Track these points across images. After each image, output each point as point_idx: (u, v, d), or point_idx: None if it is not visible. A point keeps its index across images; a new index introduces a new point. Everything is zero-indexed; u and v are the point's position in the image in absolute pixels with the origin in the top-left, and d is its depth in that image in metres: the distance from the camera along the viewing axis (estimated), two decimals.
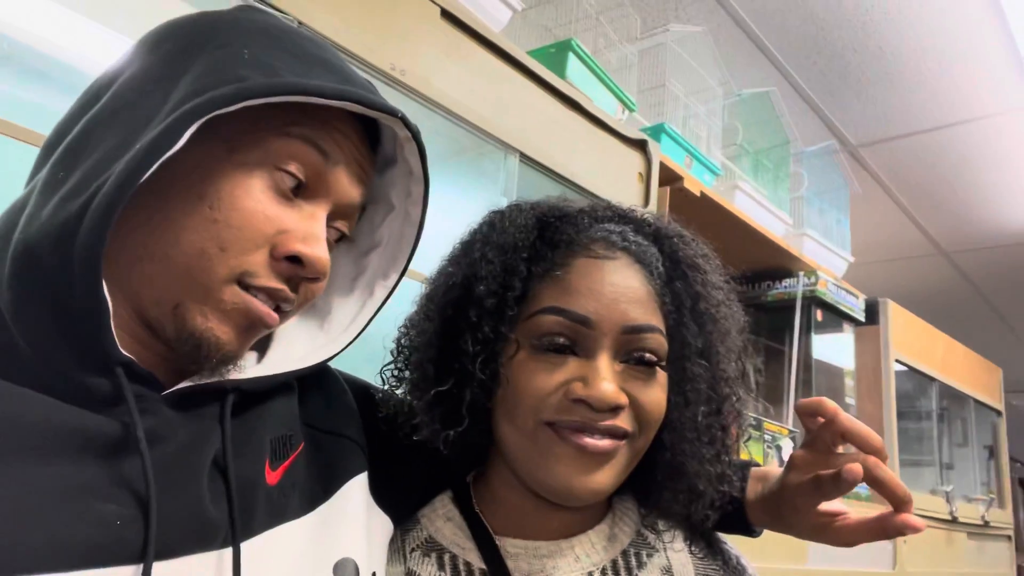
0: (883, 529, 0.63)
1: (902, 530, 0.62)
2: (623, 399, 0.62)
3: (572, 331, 0.63)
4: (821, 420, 0.65)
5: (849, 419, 0.64)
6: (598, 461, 0.62)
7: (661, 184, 1.56)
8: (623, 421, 0.62)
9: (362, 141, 0.58)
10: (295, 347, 0.62)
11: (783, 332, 2.21)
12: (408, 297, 1.12)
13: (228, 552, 0.49)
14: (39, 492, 0.42)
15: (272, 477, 0.56)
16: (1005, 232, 3.45)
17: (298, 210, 0.54)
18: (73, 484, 0.44)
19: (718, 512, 0.68)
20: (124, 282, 0.50)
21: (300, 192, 0.54)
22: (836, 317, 2.26)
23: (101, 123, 0.50)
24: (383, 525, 0.66)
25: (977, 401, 2.88)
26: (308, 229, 0.53)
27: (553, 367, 0.63)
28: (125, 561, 0.44)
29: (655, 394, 0.64)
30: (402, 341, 0.72)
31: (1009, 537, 2.88)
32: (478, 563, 0.67)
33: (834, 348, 2.31)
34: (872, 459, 0.61)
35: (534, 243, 0.67)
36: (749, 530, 0.74)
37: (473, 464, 0.74)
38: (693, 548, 0.73)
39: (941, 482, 2.60)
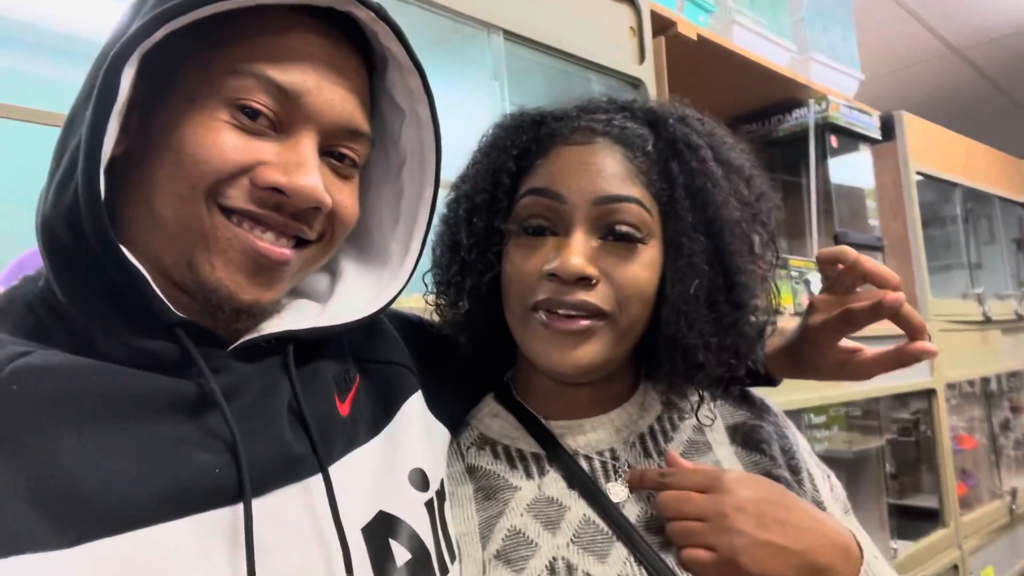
0: (900, 358, 0.69)
1: (919, 356, 0.68)
2: (590, 270, 0.63)
3: (548, 209, 0.66)
4: (841, 266, 0.70)
5: (869, 261, 0.68)
6: (574, 339, 0.65)
7: (655, 34, 1.49)
8: (596, 297, 0.64)
9: (336, 48, 0.55)
10: (356, 296, 0.63)
11: (798, 164, 2.16)
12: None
13: (316, 479, 0.53)
14: (144, 448, 0.46)
15: (343, 409, 0.60)
16: (1014, 19, 3.28)
17: (278, 142, 0.52)
18: (171, 439, 0.47)
19: (735, 379, 0.72)
20: (146, 251, 0.51)
21: (278, 126, 0.52)
22: (851, 139, 2.20)
23: (79, 102, 0.50)
24: (442, 435, 0.72)
25: (1002, 198, 2.84)
26: (288, 157, 0.52)
27: (534, 249, 0.67)
28: (227, 503, 0.47)
29: (632, 270, 0.65)
30: (433, 247, 0.76)
31: None
32: (528, 448, 0.72)
33: (852, 171, 2.26)
34: (893, 294, 0.65)
35: (526, 142, 0.71)
36: (770, 381, 0.79)
37: (508, 365, 0.79)
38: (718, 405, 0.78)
39: (972, 284, 2.60)
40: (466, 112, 1.26)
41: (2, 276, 0.81)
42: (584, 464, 0.71)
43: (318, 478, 0.53)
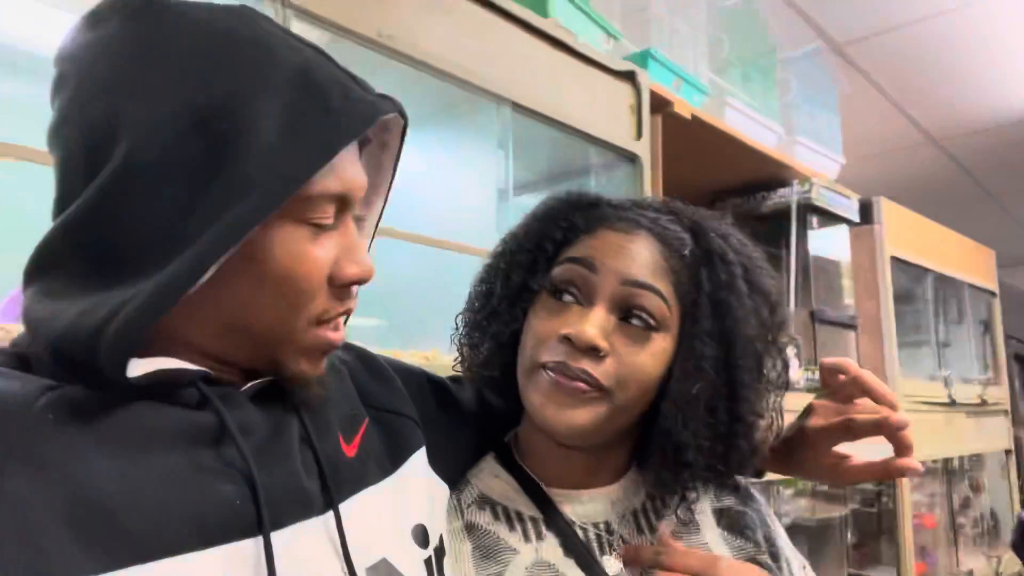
0: (887, 471, 0.73)
1: (904, 473, 0.73)
2: (602, 343, 0.67)
3: (580, 278, 0.71)
4: (842, 377, 0.74)
5: (870, 377, 0.73)
6: (572, 399, 0.68)
7: (652, 112, 1.57)
8: (599, 371, 0.68)
9: None
10: None
11: (779, 239, 2.25)
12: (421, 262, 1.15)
13: (327, 516, 0.56)
14: (170, 478, 0.48)
15: (349, 450, 0.62)
16: (992, 115, 3.45)
17: (335, 234, 0.56)
18: (194, 470, 0.49)
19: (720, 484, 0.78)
20: (188, 341, 0.53)
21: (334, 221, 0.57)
22: (831, 219, 2.29)
23: (115, 217, 0.49)
24: (442, 491, 0.74)
25: (971, 285, 2.95)
26: (348, 245, 0.56)
27: (558, 313, 0.71)
28: (247, 535, 0.49)
29: (640, 355, 0.69)
30: (471, 291, 0.82)
31: (1006, 412, 3.00)
32: (527, 511, 0.75)
33: (831, 249, 2.36)
34: (896, 416, 0.71)
35: (577, 218, 0.76)
36: (755, 472, 0.83)
37: (509, 427, 0.83)
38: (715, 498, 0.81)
39: (939, 365, 2.69)
40: (472, 173, 1.33)
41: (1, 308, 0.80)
42: (580, 534, 0.73)
43: (329, 515, 0.56)
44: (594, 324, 0.68)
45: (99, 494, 0.44)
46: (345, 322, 0.61)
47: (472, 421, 0.81)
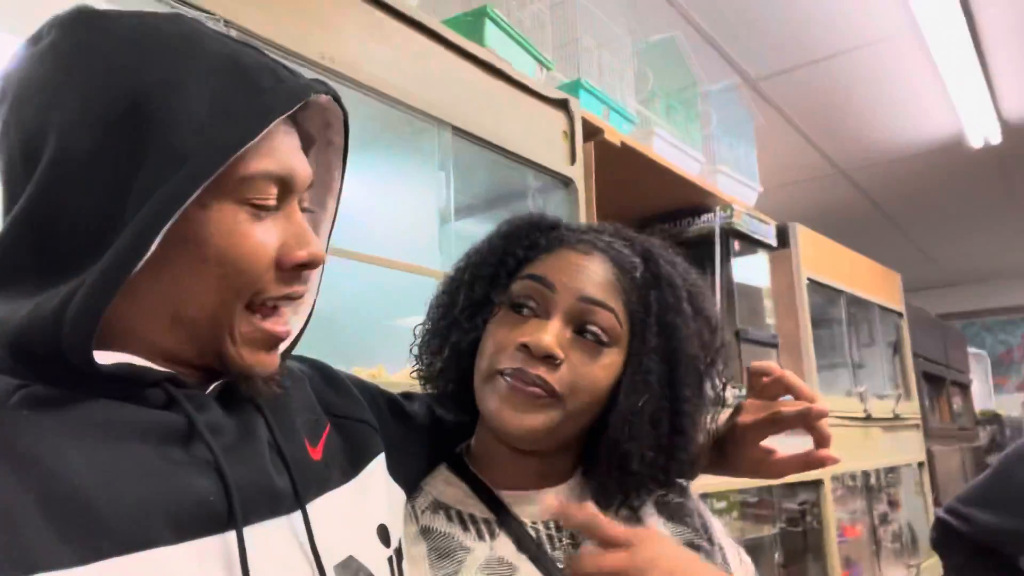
0: (808, 462, 0.83)
1: (824, 462, 0.83)
2: (558, 352, 0.72)
3: (539, 294, 0.75)
4: (766, 379, 0.84)
5: (792, 376, 0.83)
6: (525, 403, 0.72)
7: (585, 139, 1.63)
8: (554, 379, 0.72)
9: (292, 125, 0.59)
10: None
11: (704, 263, 2.34)
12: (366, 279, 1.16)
13: (295, 515, 0.57)
14: (146, 471, 0.48)
15: (315, 453, 0.63)
16: (895, 147, 3.69)
17: (280, 218, 0.56)
18: (168, 465, 0.50)
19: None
20: (145, 344, 0.53)
21: (276, 207, 0.57)
22: (751, 245, 2.40)
23: (54, 210, 0.50)
24: (399, 496, 0.76)
25: (880, 307, 3.12)
26: (295, 230, 0.56)
27: (516, 324, 0.75)
28: (220, 529, 0.50)
29: (591, 367, 0.74)
30: (431, 303, 0.85)
31: (918, 426, 3.16)
32: (480, 513, 0.77)
33: (752, 272, 2.47)
34: (817, 406, 0.80)
35: (538, 238, 0.82)
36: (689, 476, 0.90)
37: (460, 438, 0.86)
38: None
39: (855, 383, 2.82)
40: (413, 196, 1.35)
41: None
42: (532, 532, 0.76)
43: (296, 515, 0.57)
44: (551, 334, 0.72)
45: (77, 487, 0.44)
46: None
47: (424, 433, 0.83)
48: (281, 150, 0.56)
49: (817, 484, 2.33)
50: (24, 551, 0.41)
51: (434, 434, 0.84)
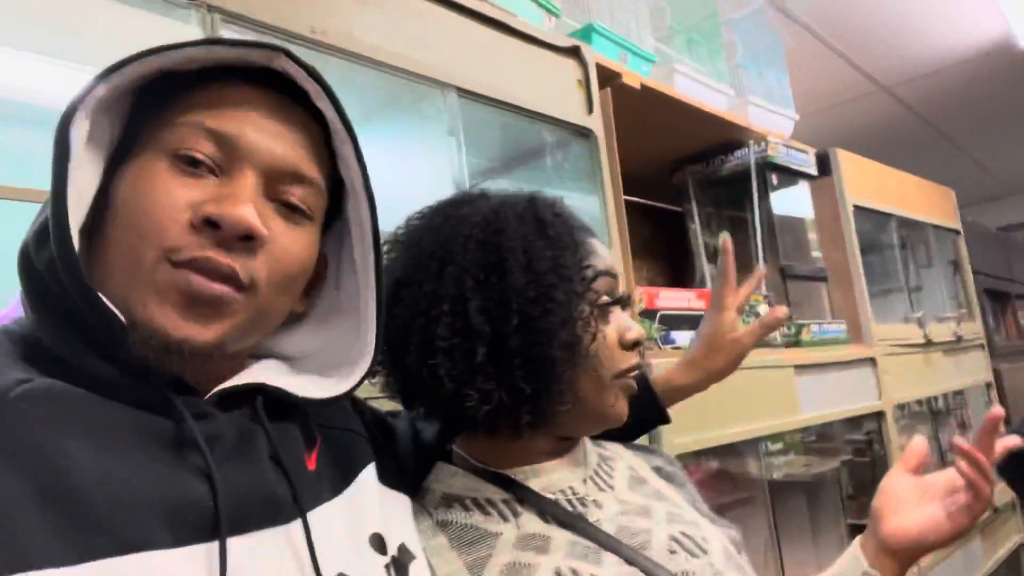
0: (765, 323, 0.98)
1: (779, 318, 0.98)
2: None
3: None
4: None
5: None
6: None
7: (601, 86, 1.56)
8: None
9: (277, 100, 0.57)
10: (326, 376, 0.64)
11: (742, 200, 2.26)
12: None
13: (296, 524, 0.55)
14: (143, 475, 0.47)
15: (310, 464, 0.61)
16: (938, 57, 3.49)
17: (217, 183, 0.54)
18: (166, 470, 0.49)
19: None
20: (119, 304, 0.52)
21: (220, 171, 0.54)
22: (791, 176, 2.31)
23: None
24: (401, 502, 0.72)
25: (935, 226, 2.99)
26: (224, 192, 0.53)
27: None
28: (210, 538, 0.49)
29: None
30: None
31: (982, 346, 3.04)
32: (496, 495, 0.74)
33: (794, 205, 2.37)
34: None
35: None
36: (662, 419, 1.00)
37: (449, 438, 0.83)
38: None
39: (912, 308, 2.72)
40: (425, 165, 1.31)
41: None
42: (551, 499, 0.74)
43: (297, 524, 0.55)
44: None
45: (74, 485, 0.44)
46: (254, 291, 0.54)
47: (409, 441, 0.81)
48: (232, 112, 0.54)
49: (879, 415, 2.26)
50: (19, 547, 0.41)
51: (418, 445, 0.82)
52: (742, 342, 0.97)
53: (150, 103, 0.55)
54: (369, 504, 0.66)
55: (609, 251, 0.79)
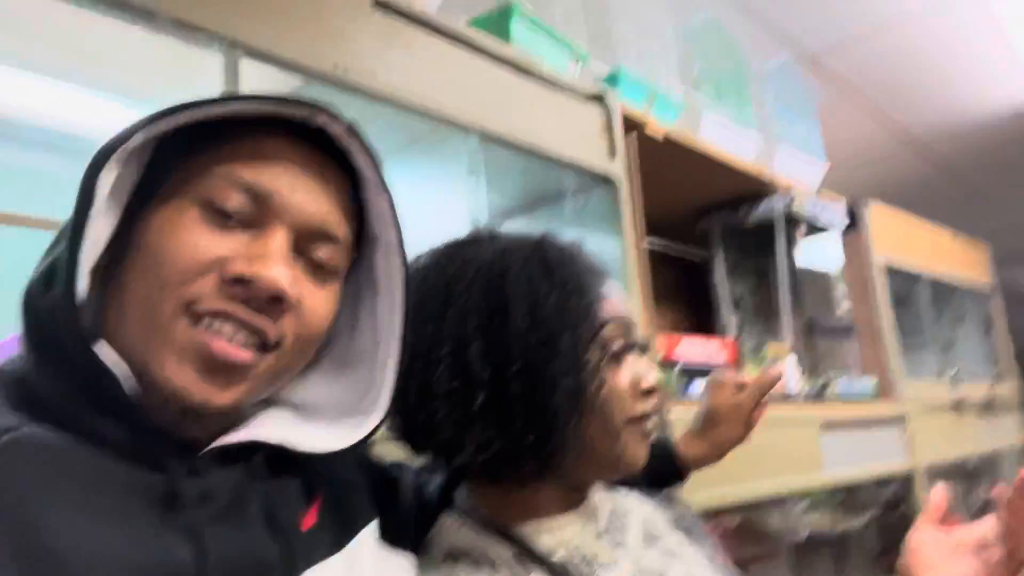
0: (761, 382, 1.01)
1: (772, 376, 1.02)
2: None
3: None
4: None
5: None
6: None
7: (626, 132, 1.55)
8: None
9: (312, 156, 0.56)
10: (331, 424, 0.62)
11: (768, 251, 2.23)
12: None
13: None
14: (125, 537, 0.46)
15: (305, 523, 0.58)
16: (970, 115, 3.46)
17: (246, 236, 0.52)
18: (150, 532, 0.47)
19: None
20: (122, 354, 0.51)
21: (250, 225, 0.53)
22: (818, 228, 2.27)
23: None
24: (401, 563, 0.69)
25: (969, 284, 2.92)
26: (255, 250, 0.51)
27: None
28: None
29: None
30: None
31: (1019, 406, 2.95)
32: (504, 551, 0.70)
33: (821, 257, 2.33)
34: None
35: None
36: (680, 479, 1.01)
37: (454, 485, 0.79)
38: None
39: (943, 367, 2.64)
40: (445, 204, 1.30)
41: None
42: (559, 563, 0.70)
43: None
44: None
45: (51, 546, 0.43)
46: (280, 354, 0.54)
47: (412, 502, 0.78)
48: (268, 166, 0.53)
49: (907, 477, 2.18)
50: None
51: (421, 498, 0.78)
52: (744, 405, 1.00)
53: (177, 146, 0.54)
54: (367, 565, 0.63)
55: (625, 296, 0.77)
